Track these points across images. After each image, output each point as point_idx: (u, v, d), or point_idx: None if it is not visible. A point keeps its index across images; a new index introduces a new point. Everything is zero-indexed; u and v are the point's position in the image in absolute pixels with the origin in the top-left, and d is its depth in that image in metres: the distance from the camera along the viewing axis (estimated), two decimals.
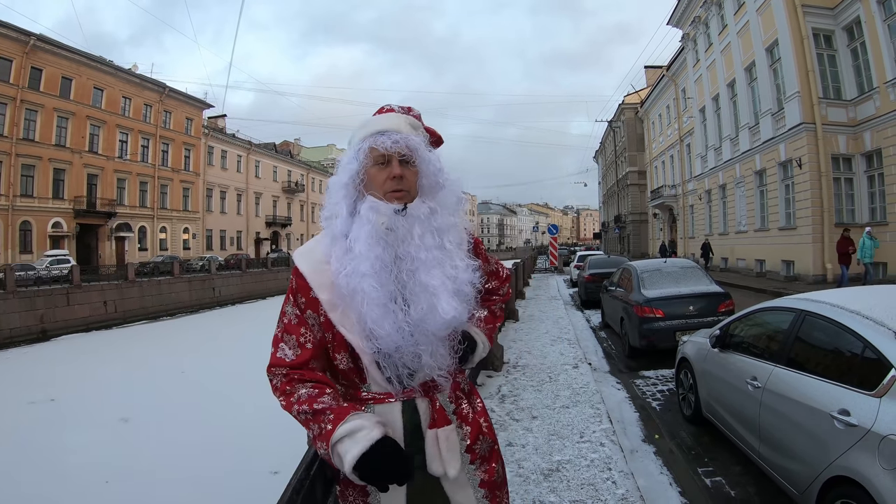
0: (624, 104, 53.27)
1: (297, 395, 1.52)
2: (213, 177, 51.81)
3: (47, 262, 30.08)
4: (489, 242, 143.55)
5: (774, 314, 4.65)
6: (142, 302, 31.22)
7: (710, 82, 29.75)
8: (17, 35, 33.10)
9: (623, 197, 57.14)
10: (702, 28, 30.38)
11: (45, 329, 25.17)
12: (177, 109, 47.11)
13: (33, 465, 9.63)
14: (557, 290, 21.53)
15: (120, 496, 8.09)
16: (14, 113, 33.03)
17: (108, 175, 40.10)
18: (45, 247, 34.75)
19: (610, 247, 59.83)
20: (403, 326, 1.54)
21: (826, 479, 3.24)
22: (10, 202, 32.91)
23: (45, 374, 17.61)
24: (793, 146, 20.90)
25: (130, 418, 12.19)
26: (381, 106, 1.79)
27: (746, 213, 26.09)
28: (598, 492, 3.78)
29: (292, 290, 1.63)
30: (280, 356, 1.57)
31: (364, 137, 1.66)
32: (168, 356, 18.89)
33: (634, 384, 8.16)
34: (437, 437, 1.60)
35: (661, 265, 11.04)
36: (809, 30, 20.06)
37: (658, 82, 41.85)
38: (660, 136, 43.48)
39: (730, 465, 4.98)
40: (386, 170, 1.62)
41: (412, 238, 1.60)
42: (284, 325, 1.61)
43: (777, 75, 22.21)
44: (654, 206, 44.05)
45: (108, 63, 40.58)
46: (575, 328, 12.11)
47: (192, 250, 48.16)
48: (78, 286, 27.57)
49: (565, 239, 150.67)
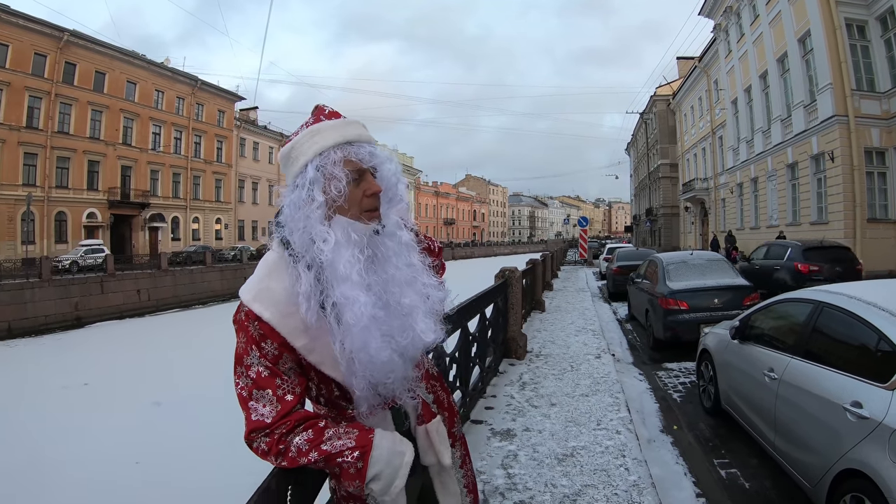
0: (656, 96, 52.40)
1: (296, 448, 1.32)
2: (245, 168, 52.52)
3: (82, 252, 30.73)
4: (520, 234, 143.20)
5: (793, 305, 4.63)
6: (174, 291, 31.80)
7: (743, 73, 29.24)
8: (51, 31, 33.91)
9: (654, 190, 56.40)
10: (733, 18, 29.87)
11: (80, 316, 25.82)
12: (209, 102, 47.80)
13: (67, 445, 9.89)
14: (586, 282, 21.48)
15: (150, 476, 8.28)
16: (49, 107, 33.93)
17: (141, 167, 40.90)
18: (80, 237, 35.53)
19: (641, 240, 59.17)
20: (398, 354, 1.43)
21: (837, 472, 3.24)
22: (46, 193, 33.80)
23: (79, 360, 18.07)
24: (825, 139, 20.50)
25: (163, 402, 12.44)
26: (320, 107, 1.56)
27: (778, 207, 25.65)
28: (610, 477, 3.83)
29: (253, 339, 1.36)
30: (257, 418, 1.32)
31: (330, 147, 1.44)
32: (200, 343, 19.20)
33: (657, 376, 8.19)
34: (428, 431, 1.57)
35: (686, 257, 10.96)
36: (842, 20, 19.59)
37: (690, 73, 41.24)
38: (692, 129, 42.85)
39: (746, 458, 4.98)
40: (361, 186, 1.44)
41: (390, 257, 1.46)
42: (251, 379, 1.34)
43: (809, 66, 21.75)
44: (685, 200, 43.45)
45: (140, 57, 41.28)
46: (600, 319, 12.10)
47: (223, 240, 48.91)
48: (112, 275, 28.26)
49: (596, 232, 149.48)
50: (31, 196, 30.52)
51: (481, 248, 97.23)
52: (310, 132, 1.47)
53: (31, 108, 33.24)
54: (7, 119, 31.72)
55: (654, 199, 56.37)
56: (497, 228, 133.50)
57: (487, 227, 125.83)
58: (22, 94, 32.49)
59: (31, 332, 23.38)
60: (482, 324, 6.09)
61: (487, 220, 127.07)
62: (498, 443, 4.58)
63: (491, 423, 5.06)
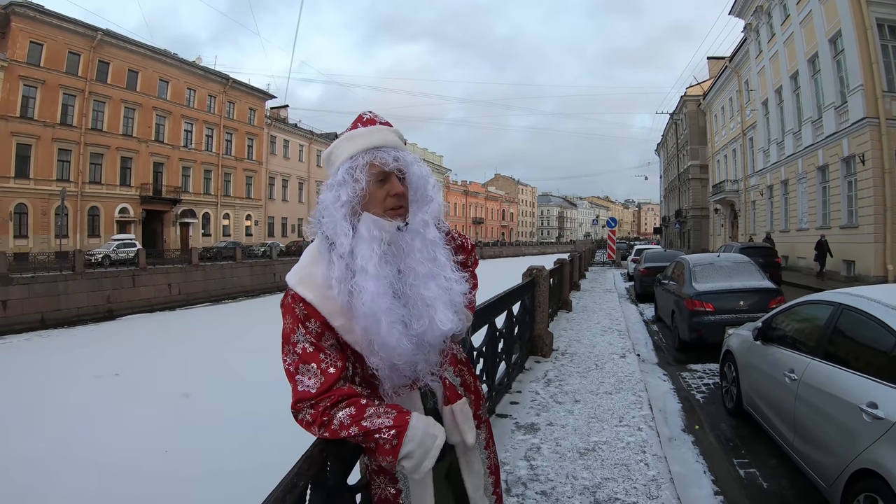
0: (686, 96, 51.99)
1: (338, 422, 1.46)
2: (276, 165, 53.25)
3: (114, 246, 31.42)
4: (548, 235, 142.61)
5: (815, 307, 4.67)
6: (205, 285, 32.34)
7: (773, 74, 28.96)
8: (85, 30, 34.81)
9: (684, 191, 55.88)
10: (764, 18, 29.59)
11: (111, 309, 26.40)
12: (240, 100, 48.51)
13: (98, 434, 10.17)
14: (613, 283, 21.39)
15: (178, 465, 8.48)
16: (83, 104, 34.87)
17: (173, 163, 41.69)
18: (113, 231, 36.36)
19: (670, 242, 58.66)
20: (412, 339, 1.56)
21: (852, 472, 3.28)
22: (80, 188, 34.69)
23: (111, 351, 18.48)
24: (856, 141, 20.24)
25: (191, 393, 12.69)
26: (361, 115, 1.72)
27: (808, 210, 25.35)
28: (629, 472, 3.93)
29: (298, 319, 1.53)
30: (303, 389, 1.48)
31: (359, 152, 1.61)
32: (229, 336, 19.48)
33: (681, 376, 8.24)
34: (454, 411, 1.69)
35: (713, 259, 10.95)
36: (873, 20, 19.36)
37: (721, 74, 40.78)
38: (722, 130, 42.43)
39: (766, 458, 5.06)
40: (385, 187, 1.60)
41: (413, 252, 1.60)
42: (298, 355, 1.51)
43: (840, 67, 21.51)
44: (715, 202, 43.08)
45: (172, 56, 42.06)
46: (627, 320, 12.13)
47: (254, 236, 49.66)
48: (143, 269, 28.85)
49: (626, 233, 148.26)
50: (66, 191, 31.38)
51: (510, 248, 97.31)
52: (345, 138, 1.65)
53: (66, 106, 34.16)
54: (42, 116, 32.60)
55: (684, 201, 55.89)
56: (526, 228, 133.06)
57: (516, 227, 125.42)
58: (56, 92, 33.39)
59: (64, 323, 23.94)
60: (509, 320, 6.20)
61: (516, 219, 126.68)
62: (522, 436, 4.70)
63: (516, 418, 5.18)
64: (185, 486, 7.79)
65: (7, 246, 29.02)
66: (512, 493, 3.67)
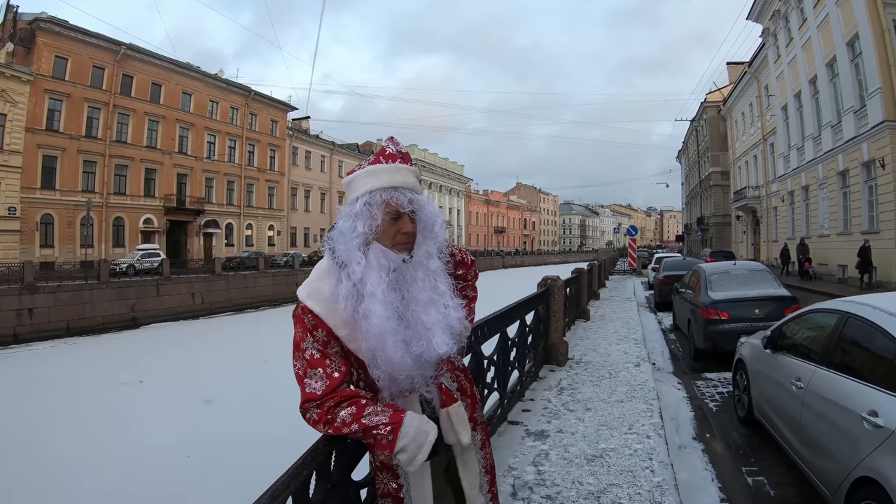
0: (706, 102, 51.64)
1: (341, 419, 1.63)
2: (298, 176, 53.86)
3: (139, 256, 31.97)
4: (571, 243, 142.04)
5: (822, 316, 4.70)
6: (228, 295, 32.81)
7: (792, 78, 28.70)
8: (108, 45, 35.58)
9: (706, 198, 55.41)
10: (782, 22, 29.40)
11: (136, 317, 26.92)
12: (262, 112, 49.13)
13: (122, 438, 10.44)
14: (633, 291, 21.21)
15: (201, 470, 8.66)
16: (107, 117, 35.64)
17: (196, 174, 42.35)
18: (137, 241, 36.96)
19: (693, 249, 58.12)
20: (412, 357, 1.71)
21: (853, 480, 3.31)
22: (105, 199, 35.37)
23: (135, 359, 18.83)
24: (875, 145, 20.00)
25: (213, 400, 12.96)
26: (384, 148, 1.86)
27: (829, 215, 25.04)
28: (635, 478, 4.00)
29: (307, 328, 1.71)
30: (311, 391, 1.65)
31: (378, 189, 1.75)
32: (252, 345, 19.71)
33: (695, 385, 8.26)
34: (449, 414, 1.86)
35: (730, 267, 10.91)
36: (891, 22, 19.15)
37: (740, 79, 40.57)
38: (743, 136, 42.05)
39: (774, 467, 5.10)
40: (397, 224, 1.75)
41: (416, 281, 1.77)
42: (307, 360, 1.68)
43: (859, 71, 21.26)
44: (737, 209, 42.71)
45: (194, 69, 42.75)
46: (644, 329, 12.09)
47: (276, 247, 50.16)
48: (167, 278, 29.34)
49: (648, 241, 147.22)
50: (91, 202, 31.91)
51: (531, 257, 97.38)
52: (367, 172, 1.80)
53: (90, 119, 34.93)
54: (67, 129, 33.35)
55: (706, 208, 55.43)
56: (547, 237, 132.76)
57: (538, 236, 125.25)
58: (81, 105, 34.14)
59: (89, 331, 24.47)
60: (522, 330, 6.26)
61: (538, 228, 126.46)
62: (531, 442, 4.79)
63: (526, 425, 5.26)
64: (206, 491, 7.97)
65: (33, 255, 29.54)
66: (518, 496, 3.77)
